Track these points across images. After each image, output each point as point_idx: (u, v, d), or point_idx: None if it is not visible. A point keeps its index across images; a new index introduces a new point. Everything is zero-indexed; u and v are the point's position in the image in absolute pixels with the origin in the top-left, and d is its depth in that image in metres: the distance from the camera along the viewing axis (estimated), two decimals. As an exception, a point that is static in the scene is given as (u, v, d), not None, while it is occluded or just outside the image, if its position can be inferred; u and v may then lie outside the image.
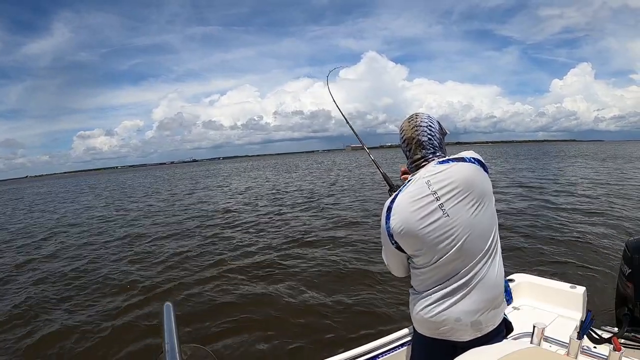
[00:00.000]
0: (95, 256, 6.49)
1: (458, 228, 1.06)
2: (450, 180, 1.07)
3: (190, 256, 5.94)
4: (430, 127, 1.16)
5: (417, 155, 1.16)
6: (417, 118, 1.18)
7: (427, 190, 1.08)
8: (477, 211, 1.07)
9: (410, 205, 1.10)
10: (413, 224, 1.08)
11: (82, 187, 36.57)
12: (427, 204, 1.07)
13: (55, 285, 4.97)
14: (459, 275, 1.10)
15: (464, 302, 1.11)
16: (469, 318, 1.11)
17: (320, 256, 5.37)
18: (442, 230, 1.06)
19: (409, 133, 1.17)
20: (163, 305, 0.79)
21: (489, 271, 1.11)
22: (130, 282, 4.81)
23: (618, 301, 1.80)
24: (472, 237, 1.07)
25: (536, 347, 1.21)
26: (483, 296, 1.11)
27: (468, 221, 1.07)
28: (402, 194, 1.14)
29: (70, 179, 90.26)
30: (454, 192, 1.06)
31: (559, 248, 4.98)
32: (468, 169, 1.09)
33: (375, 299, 3.75)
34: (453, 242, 1.07)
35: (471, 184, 1.07)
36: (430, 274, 1.13)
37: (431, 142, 1.15)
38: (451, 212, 1.06)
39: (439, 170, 1.09)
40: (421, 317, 1.18)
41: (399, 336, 1.62)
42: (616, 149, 53.69)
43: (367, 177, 18.91)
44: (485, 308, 1.12)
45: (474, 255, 1.09)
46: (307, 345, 3.00)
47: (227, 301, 3.99)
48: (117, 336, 3.37)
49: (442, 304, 1.13)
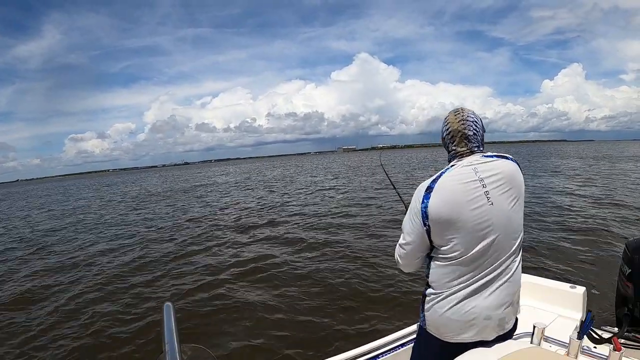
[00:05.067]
0: (88, 255, 6.51)
1: (499, 218, 1.07)
2: (497, 171, 1.09)
3: (190, 256, 5.94)
4: (476, 123, 1.18)
5: (462, 147, 1.16)
6: (464, 112, 1.19)
7: (474, 175, 1.08)
8: (516, 206, 1.10)
9: (456, 186, 1.09)
10: (457, 205, 1.07)
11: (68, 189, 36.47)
12: (474, 189, 1.07)
13: (55, 285, 4.98)
14: (492, 269, 1.09)
15: (491, 298, 1.10)
16: (497, 315, 1.11)
17: (321, 256, 5.38)
18: (484, 218, 1.06)
19: (455, 126, 1.17)
20: (163, 305, 0.79)
21: (515, 265, 1.13)
22: (130, 282, 4.82)
23: (618, 301, 1.80)
24: (508, 231, 1.09)
25: (536, 347, 1.20)
26: (509, 291, 1.12)
27: (508, 214, 1.08)
28: (447, 176, 1.12)
29: (60, 182, 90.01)
30: (499, 183, 1.08)
31: (559, 248, 4.97)
32: (512, 165, 1.13)
33: (375, 299, 3.76)
34: (492, 232, 1.07)
35: (514, 179, 1.11)
36: (459, 267, 1.10)
37: (476, 137, 1.17)
38: (495, 201, 1.07)
39: (485, 160, 1.12)
40: (446, 318, 1.12)
41: (399, 336, 1.62)
42: (609, 148, 53.67)
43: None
44: (508, 303, 1.13)
45: (506, 248, 1.10)
46: (307, 346, 2.99)
47: (227, 301, 3.98)
48: (117, 336, 3.37)
49: (472, 301, 1.09)
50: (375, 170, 24.81)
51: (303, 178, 23.01)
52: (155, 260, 5.83)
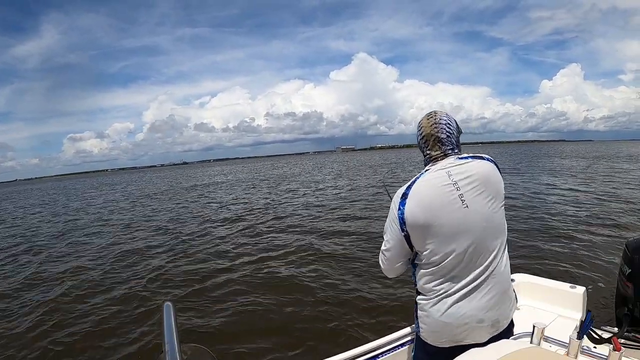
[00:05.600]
0: (92, 256, 6.50)
1: (475, 221, 1.07)
2: (471, 173, 1.09)
3: (191, 256, 5.95)
4: (449, 125, 1.17)
5: (435, 151, 1.16)
6: (436, 115, 1.18)
7: (447, 179, 1.08)
8: (494, 207, 1.09)
9: (429, 191, 1.09)
10: (431, 210, 1.07)
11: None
12: (447, 192, 1.07)
13: (53, 286, 4.98)
14: (477, 271, 1.09)
15: (482, 300, 1.09)
16: (489, 316, 1.10)
17: (322, 257, 5.37)
18: (459, 221, 1.06)
19: (428, 130, 1.17)
20: (163, 304, 0.79)
21: (501, 265, 1.12)
22: (130, 283, 4.81)
23: (618, 301, 1.80)
24: (488, 232, 1.09)
25: (536, 347, 1.20)
26: (499, 290, 1.11)
27: (486, 215, 1.08)
28: (420, 181, 1.12)
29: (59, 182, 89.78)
30: (473, 185, 1.07)
31: (558, 248, 4.97)
32: (487, 166, 1.12)
33: (375, 298, 3.76)
34: (469, 234, 1.06)
35: (489, 180, 1.10)
36: (443, 271, 1.10)
37: (449, 140, 1.16)
38: (470, 203, 1.06)
39: (459, 163, 1.11)
40: (440, 324, 1.12)
41: (399, 336, 1.61)
42: (608, 148, 53.66)
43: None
44: (501, 302, 1.12)
45: (489, 249, 1.09)
46: (307, 346, 2.99)
47: (227, 301, 3.98)
48: (116, 336, 3.37)
49: (462, 304, 1.09)
50: (376, 170, 24.76)
51: (310, 177, 23.00)
52: (156, 259, 5.82)
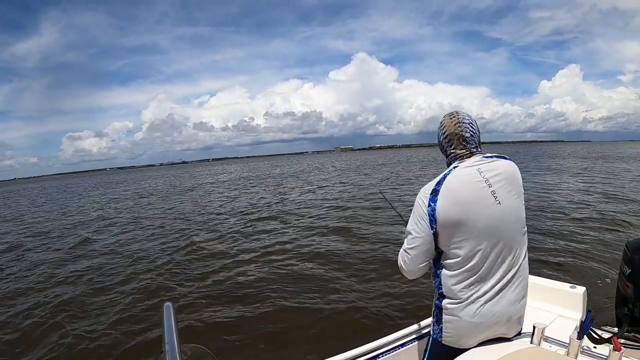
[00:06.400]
0: (91, 256, 6.50)
1: (508, 216, 1.09)
2: (500, 170, 1.11)
3: (191, 255, 5.94)
4: (472, 124, 1.19)
5: (460, 149, 1.17)
6: (459, 115, 1.20)
7: (478, 176, 1.09)
8: (520, 204, 1.13)
9: (463, 187, 1.09)
10: (465, 206, 1.06)
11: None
12: (480, 189, 1.08)
13: (53, 286, 4.98)
14: (507, 266, 1.10)
15: (511, 296, 1.11)
16: (517, 312, 1.14)
17: (324, 258, 5.37)
18: (495, 217, 1.07)
19: (452, 129, 1.18)
20: (163, 305, 0.79)
21: (525, 261, 1.16)
22: (129, 283, 4.81)
23: (618, 301, 1.80)
24: (517, 227, 1.11)
25: (536, 347, 1.20)
26: (524, 286, 1.15)
27: (515, 212, 1.11)
28: (451, 178, 1.11)
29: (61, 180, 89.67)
30: (503, 182, 1.10)
31: (558, 248, 4.97)
32: (512, 165, 1.16)
33: (375, 299, 3.75)
34: (503, 230, 1.08)
35: (515, 178, 1.13)
36: (474, 269, 1.09)
37: (473, 138, 1.18)
38: (502, 200, 1.08)
39: (487, 161, 1.13)
40: (471, 326, 1.10)
41: (399, 336, 1.61)
42: (607, 149, 53.64)
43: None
44: (522, 297, 1.15)
45: (517, 245, 1.12)
46: (307, 346, 2.99)
47: (227, 301, 3.98)
48: (116, 336, 3.36)
49: (496, 302, 1.09)
50: (375, 170, 24.76)
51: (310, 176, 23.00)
52: (157, 258, 5.82)
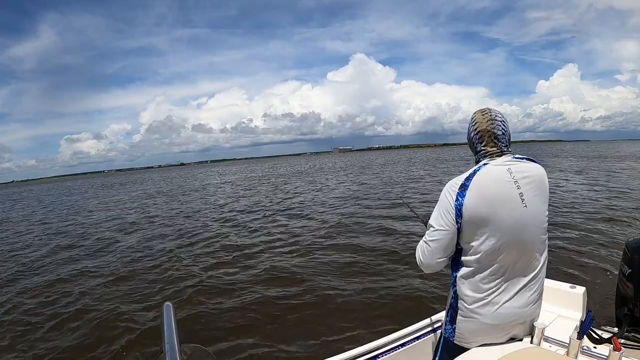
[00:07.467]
0: (90, 256, 6.50)
1: (532, 220, 1.08)
2: (530, 173, 1.10)
3: (191, 255, 5.94)
4: (504, 123, 1.17)
5: (491, 147, 1.16)
6: (492, 112, 1.18)
7: (509, 176, 1.09)
8: (545, 210, 1.13)
9: (493, 185, 1.08)
10: (493, 203, 1.06)
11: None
12: (510, 189, 1.07)
13: (52, 286, 4.98)
14: (525, 269, 1.10)
15: (529, 298, 1.12)
16: (532, 314, 1.14)
17: (325, 257, 5.37)
18: (518, 219, 1.07)
19: (484, 125, 1.16)
20: (163, 305, 0.79)
21: (544, 265, 1.16)
22: (130, 282, 4.81)
23: (618, 301, 1.80)
24: (539, 231, 1.11)
25: (536, 347, 1.20)
26: (540, 289, 1.15)
27: (539, 217, 1.10)
28: (481, 174, 1.11)
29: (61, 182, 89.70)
30: (531, 185, 1.09)
31: (558, 248, 4.96)
32: (542, 170, 1.15)
33: (376, 297, 3.75)
34: (525, 233, 1.08)
35: (543, 183, 1.13)
36: (494, 269, 1.09)
37: (505, 137, 1.17)
38: (529, 203, 1.08)
39: (517, 162, 1.13)
40: (487, 326, 1.11)
41: (399, 336, 1.61)
42: (606, 148, 53.62)
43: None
44: (538, 300, 1.16)
45: (538, 249, 1.12)
46: (307, 346, 2.99)
47: (227, 301, 3.98)
48: (116, 336, 3.36)
49: (512, 303, 1.10)
50: (377, 169, 24.76)
51: (310, 177, 23.01)
52: (158, 258, 5.81)
